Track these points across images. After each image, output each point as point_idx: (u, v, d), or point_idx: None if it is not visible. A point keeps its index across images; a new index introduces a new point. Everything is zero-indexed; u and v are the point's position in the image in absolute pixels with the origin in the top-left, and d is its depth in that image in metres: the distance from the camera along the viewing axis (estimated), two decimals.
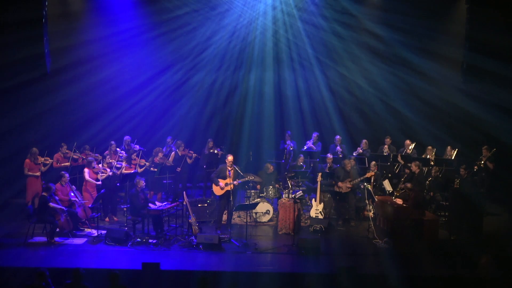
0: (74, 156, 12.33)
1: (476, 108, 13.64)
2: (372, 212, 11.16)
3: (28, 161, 11.60)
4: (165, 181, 12.12)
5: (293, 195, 11.25)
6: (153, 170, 12.23)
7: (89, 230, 10.81)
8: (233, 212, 11.39)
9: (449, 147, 12.92)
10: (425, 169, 12.16)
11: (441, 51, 13.99)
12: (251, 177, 11.28)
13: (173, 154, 12.89)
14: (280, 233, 11.01)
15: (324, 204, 11.27)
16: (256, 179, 11.83)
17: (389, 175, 12.18)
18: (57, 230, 10.25)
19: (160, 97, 14.93)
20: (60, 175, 10.93)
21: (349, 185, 11.56)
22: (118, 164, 11.94)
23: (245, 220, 10.69)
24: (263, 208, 11.75)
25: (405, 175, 11.80)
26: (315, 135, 13.76)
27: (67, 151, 12.31)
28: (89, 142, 13.03)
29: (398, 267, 9.16)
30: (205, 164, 13.11)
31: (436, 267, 9.14)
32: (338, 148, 13.43)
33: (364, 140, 13.64)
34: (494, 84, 13.25)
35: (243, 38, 14.67)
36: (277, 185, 12.12)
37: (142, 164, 12.32)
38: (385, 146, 13.52)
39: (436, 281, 8.54)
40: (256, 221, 11.70)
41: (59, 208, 10.28)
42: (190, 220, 10.51)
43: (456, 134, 13.79)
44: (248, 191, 11.92)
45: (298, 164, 12.78)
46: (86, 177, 11.39)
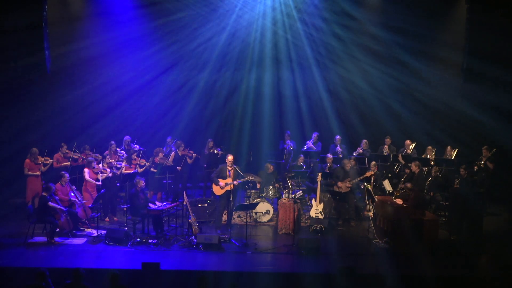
0: (74, 156, 12.33)
1: (476, 109, 13.66)
2: (372, 212, 11.16)
3: (28, 161, 11.60)
4: (165, 181, 12.12)
5: (293, 195, 11.26)
6: (153, 171, 12.23)
7: (89, 230, 10.81)
8: (233, 212, 11.40)
9: (449, 147, 12.93)
10: (425, 169, 12.16)
11: (441, 52, 13.99)
12: (251, 177, 11.28)
13: (173, 154, 12.89)
14: (280, 233, 11.02)
15: (324, 204, 11.28)
16: (256, 179, 11.83)
17: (389, 175, 12.20)
18: (57, 230, 10.25)
19: (160, 97, 14.94)
20: (60, 175, 10.93)
21: (349, 185, 11.57)
22: (118, 164, 11.94)
23: (245, 220, 10.69)
24: (263, 208, 11.76)
25: (405, 175, 11.81)
26: (315, 135, 13.77)
27: (67, 151, 12.32)
28: (89, 142, 13.04)
29: (398, 267, 9.18)
30: (205, 164, 13.12)
31: (436, 267, 9.13)
32: (338, 148, 13.44)
33: (364, 140, 13.65)
34: (494, 85, 13.26)
35: (243, 39, 14.67)
36: (277, 185, 12.12)
37: (142, 164, 12.32)
38: (385, 146, 13.53)
39: (436, 281, 8.53)
40: (256, 221, 11.70)
41: (59, 208, 10.28)
42: (190, 220, 10.52)
43: (456, 135, 13.78)
44: (248, 191, 11.92)
45: (298, 164, 12.78)
46: (86, 177, 11.40)
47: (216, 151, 13.26)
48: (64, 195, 10.79)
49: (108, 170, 11.65)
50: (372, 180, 11.58)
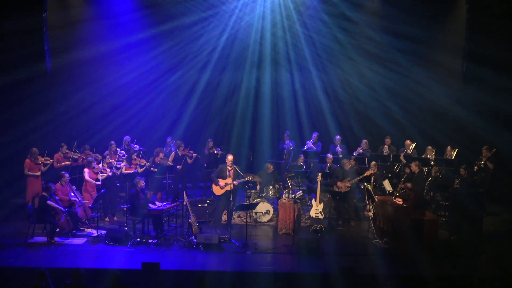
0: (74, 156, 12.33)
1: (476, 111, 13.67)
2: (372, 212, 11.16)
3: (28, 161, 11.60)
4: (165, 181, 12.12)
5: (293, 195, 11.26)
6: (153, 170, 12.24)
7: (89, 230, 10.81)
8: (233, 212, 11.40)
9: (449, 147, 12.92)
10: (425, 169, 12.16)
11: (441, 55, 14.05)
12: (251, 177, 11.27)
13: (173, 154, 12.89)
14: (280, 233, 11.02)
15: (324, 204, 11.28)
16: (256, 179, 11.82)
17: (389, 175, 12.19)
18: (57, 230, 10.25)
19: (160, 98, 14.94)
20: (60, 175, 10.93)
21: (348, 185, 11.57)
22: (118, 164, 11.94)
23: (245, 220, 10.69)
24: (263, 208, 11.76)
25: (405, 175, 11.81)
26: (315, 135, 13.78)
27: (67, 151, 12.31)
28: (89, 142, 13.03)
29: (398, 267, 9.18)
30: (205, 164, 13.12)
31: (436, 267, 9.13)
32: (338, 148, 13.44)
33: (364, 140, 13.65)
34: (494, 86, 13.27)
35: (243, 41, 14.70)
36: (277, 185, 12.12)
37: (143, 164, 12.32)
38: (385, 146, 13.53)
39: (436, 281, 8.53)
40: (256, 221, 11.70)
41: (58, 208, 10.27)
42: (190, 220, 10.51)
43: (456, 137, 13.77)
44: (248, 191, 11.92)
45: (298, 164, 12.78)
46: (86, 177, 11.39)
47: (216, 151, 13.25)
48: (64, 195, 10.79)
49: (108, 170, 11.64)
50: (372, 180, 11.58)
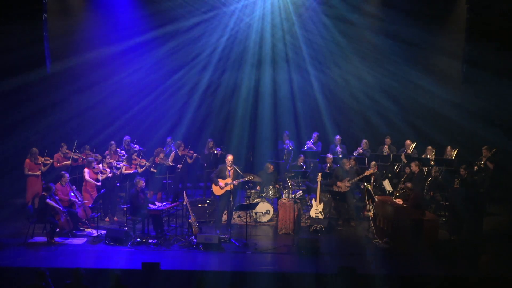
0: (74, 156, 12.33)
1: (476, 112, 13.67)
2: (372, 212, 11.16)
3: (28, 161, 11.60)
4: (165, 181, 12.12)
5: (293, 195, 11.26)
6: (153, 171, 12.23)
7: (89, 230, 10.81)
8: (233, 212, 11.39)
9: (449, 147, 12.92)
10: (425, 169, 12.16)
11: (440, 57, 14.07)
12: (251, 177, 11.28)
13: (173, 154, 12.89)
14: (280, 233, 11.01)
15: (324, 204, 11.28)
16: (256, 179, 11.83)
17: (389, 175, 12.19)
18: (57, 230, 10.25)
19: (161, 98, 14.94)
20: (60, 175, 10.93)
21: (348, 184, 11.57)
22: (118, 164, 11.94)
23: (245, 220, 10.69)
24: (263, 208, 11.76)
25: (405, 175, 11.81)
26: (315, 135, 13.78)
27: (67, 151, 12.32)
28: (89, 142, 13.03)
29: (398, 267, 9.18)
30: (205, 164, 13.11)
31: (436, 267, 9.14)
32: (338, 148, 13.45)
33: (364, 140, 13.67)
34: (494, 87, 13.28)
35: (243, 41, 14.72)
36: (277, 185, 12.13)
37: (143, 164, 12.32)
38: (385, 146, 13.53)
39: (436, 281, 8.53)
40: (256, 221, 11.70)
41: (58, 208, 10.27)
42: (190, 220, 10.51)
43: (456, 136, 13.77)
44: (248, 191, 11.92)
45: (298, 164, 12.79)
46: (86, 177, 11.39)
47: (216, 151, 13.26)
48: (64, 195, 10.79)
49: (108, 170, 11.64)
50: (372, 180, 11.58)
